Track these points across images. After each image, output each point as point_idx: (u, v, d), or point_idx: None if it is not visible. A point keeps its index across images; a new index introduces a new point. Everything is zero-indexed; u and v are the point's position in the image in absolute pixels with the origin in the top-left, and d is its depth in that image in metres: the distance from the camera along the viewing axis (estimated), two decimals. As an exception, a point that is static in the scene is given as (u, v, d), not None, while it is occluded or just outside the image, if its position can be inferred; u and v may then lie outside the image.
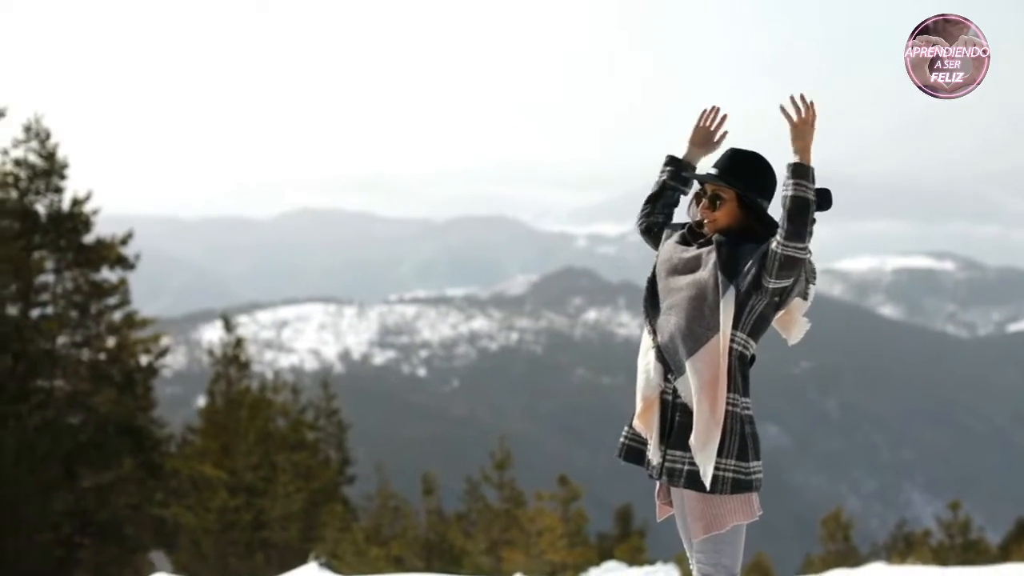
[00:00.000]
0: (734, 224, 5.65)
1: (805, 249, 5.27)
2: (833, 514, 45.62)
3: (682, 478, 5.59)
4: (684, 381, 5.58)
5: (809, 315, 6.14)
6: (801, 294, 5.64)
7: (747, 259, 5.45)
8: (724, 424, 5.53)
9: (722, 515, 5.59)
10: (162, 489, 28.59)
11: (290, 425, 36.34)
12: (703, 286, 5.52)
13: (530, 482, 40.22)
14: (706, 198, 5.70)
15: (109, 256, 27.37)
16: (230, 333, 34.40)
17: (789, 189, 5.28)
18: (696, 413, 5.52)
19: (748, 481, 5.56)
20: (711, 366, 5.52)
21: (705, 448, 5.50)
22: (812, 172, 5.34)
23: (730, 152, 5.75)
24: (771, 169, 5.70)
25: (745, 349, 5.60)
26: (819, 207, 5.46)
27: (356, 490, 42.34)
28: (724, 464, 5.53)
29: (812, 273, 5.65)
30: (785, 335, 5.92)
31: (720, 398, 5.51)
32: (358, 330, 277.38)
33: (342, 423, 42.40)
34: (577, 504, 36.40)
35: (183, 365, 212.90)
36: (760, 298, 5.46)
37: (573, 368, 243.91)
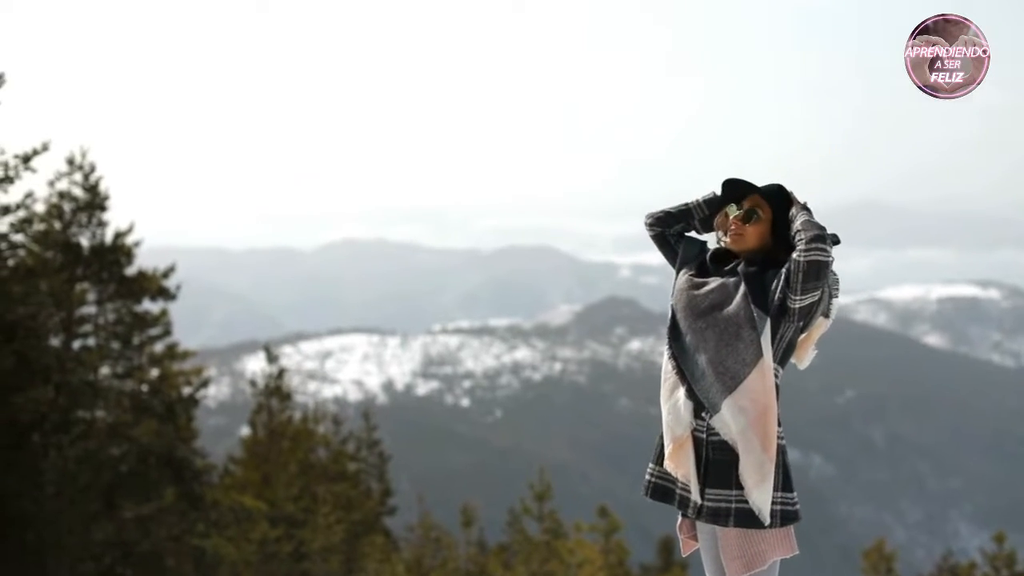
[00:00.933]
0: (760, 247, 5.60)
1: (827, 252, 5.21)
2: (876, 546, 45.16)
3: (731, 517, 5.46)
4: (721, 419, 5.45)
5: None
6: (824, 312, 5.53)
7: (772, 287, 5.40)
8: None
9: (762, 551, 5.49)
10: (203, 520, 28.61)
11: (331, 456, 36.41)
12: (735, 321, 5.42)
13: (573, 513, 40.13)
14: (741, 211, 5.64)
15: (151, 288, 27.48)
16: (272, 364, 34.52)
17: (801, 216, 5.36)
18: (746, 451, 5.41)
19: (795, 511, 5.50)
20: (756, 401, 5.41)
21: (761, 486, 5.40)
22: (825, 235, 5.31)
23: (777, 184, 5.67)
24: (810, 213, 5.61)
25: (777, 378, 5.49)
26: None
27: (398, 521, 42.31)
28: (773, 497, 5.45)
29: (835, 283, 5.56)
30: (796, 359, 5.82)
31: (772, 434, 5.40)
32: (401, 360, 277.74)
33: (383, 454, 42.42)
34: (618, 535, 36.25)
35: (227, 396, 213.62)
36: (788, 324, 5.39)
37: (617, 398, 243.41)
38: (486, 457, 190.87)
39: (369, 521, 36.47)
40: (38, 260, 25.77)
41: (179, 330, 29.62)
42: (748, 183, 5.64)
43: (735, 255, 5.70)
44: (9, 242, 24.38)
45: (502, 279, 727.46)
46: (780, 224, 5.58)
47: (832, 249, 5.25)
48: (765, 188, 5.64)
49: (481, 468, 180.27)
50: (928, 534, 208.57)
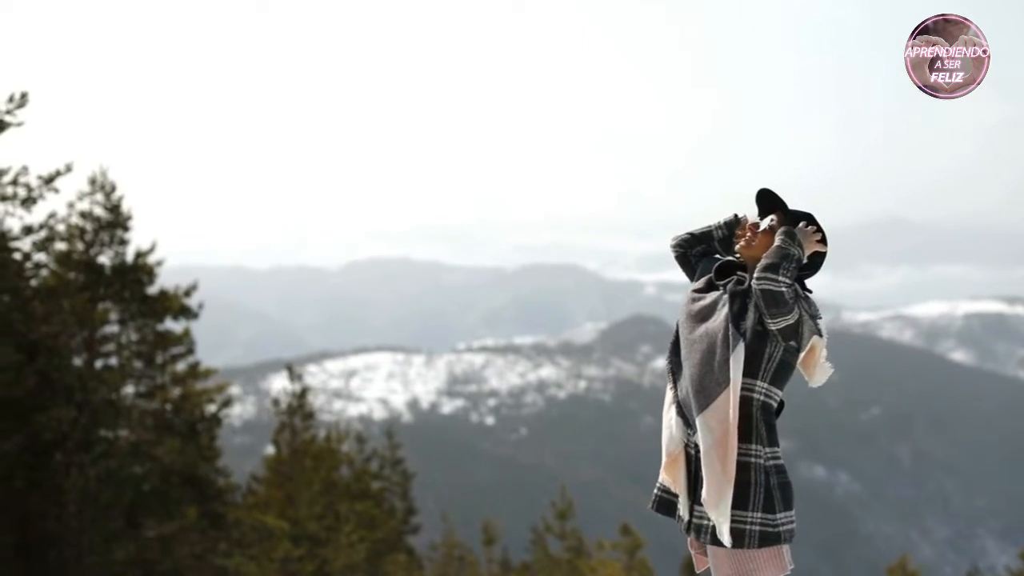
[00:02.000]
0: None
1: (777, 281, 5.26)
2: (899, 562, 45.08)
3: (708, 534, 5.50)
4: (698, 437, 5.49)
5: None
6: (815, 331, 5.45)
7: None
8: (748, 476, 5.40)
9: (752, 570, 5.47)
10: (225, 539, 28.63)
11: (355, 475, 36.44)
12: (713, 338, 5.47)
13: (599, 530, 40.12)
14: (757, 219, 5.71)
15: (173, 307, 27.53)
16: (295, 383, 34.57)
17: (776, 241, 5.40)
18: (707, 470, 5.42)
19: (776, 533, 5.41)
20: (721, 422, 5.42)
21: (718, 506, 5.39)
22: (798, 236, 5.43)
23: (807, 213, 5.70)
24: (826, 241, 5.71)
25: (768, 399, 5.49)
26: (810, 267, 5.66)
27: (423, 539, 42.35)
28: (751, 518, 5.40)
29: (812, 305, 5.50)
30: (807, 377, 5.79)
31: (731, 455, 5.39)
32: (426, 379, 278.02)
33: (407, 472, 42.45)
34: (641, 553, 36.21)
35: (252, 415, 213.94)
36: (776, 344, 5.38)
37: (642, 416, 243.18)
38: (511, 475, 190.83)
39: (392, 539, 36.49)
40: (60, 280, 25.84)
41: (204, 349, 29.68)
42: (772, 195, 5.72)
43: (741, 269, 5.73)
44: (32, 262, 24.45)
45: (527, 297, 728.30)
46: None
47: (790, 278, 5.30)
48: (791, 209, 5.71)
49: (506, 486, 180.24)
50: (955, 551, 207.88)
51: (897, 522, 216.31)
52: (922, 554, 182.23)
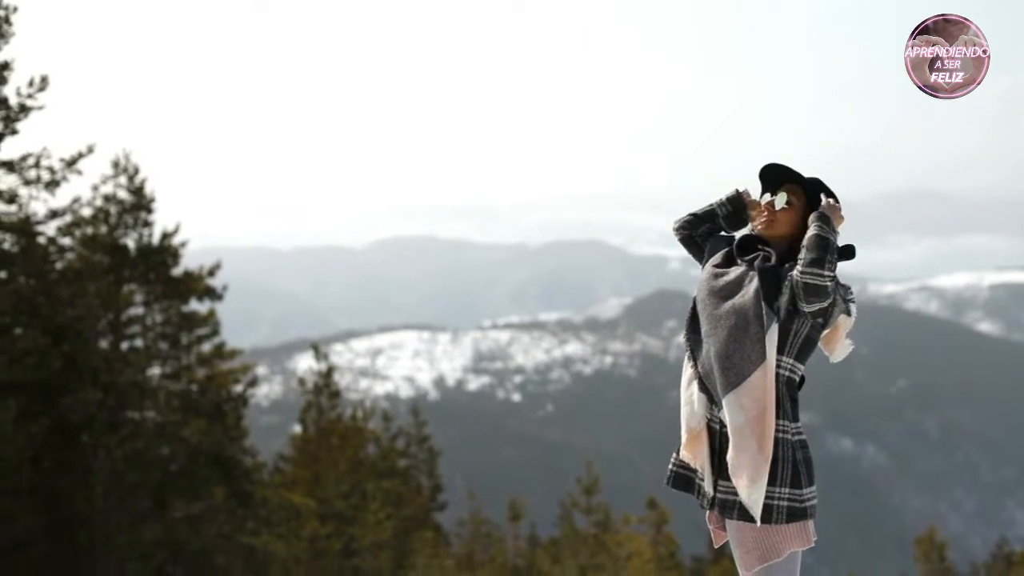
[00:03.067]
0: (789, 236, 5.60)
1: (823, 276, 5.21)
2: (927, 534, 44.95)
3: (735, 510, 5.48)
4: (722, 413, 5.49)
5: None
6: (844, 311, 5.50)
7: (786, 283, 5.38)
8: (776, 452, 5.40)
9: (778, 543, 5.45)
10: (253, 518, 28.78)
11: (381, 453, 36.54)
12: (744, 315, 5.42)
13: (626, 505, 40.10)
14: (774, 198, 5.66)
15: (197, 288, 27.62)
16: (320, 362, 34.65)
17: (813, 228, 5.29)
18: (741, 449, 5.41)
19: (803, 509, 5.41)
20: (757, 400, 5.41)
21: (754, 484, 5.38)
22: (833, 223, 5.35)
23: (815, 178, 5.69)
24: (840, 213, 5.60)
25: (792, 374, 5.48)
26: (843, 256, 5.52)
27: (450, 516, 42.42)
28: (779, 493, 5.40)
29: (847, 291, 5.54)
30: (828, 352, 5.77)
31: (769, 434, 5.38)
32: (452, 356, 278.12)
33: (433, 450, 42.50)
34: (668, 528, 36.22)
35: (279, 394, 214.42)
36: (804, 321, 5.35)
37: (668, 391, 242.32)
38: (538, 452, 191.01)
39: (419, 517, 36.59)
40: (85, 263, 25.94)
41: (231, 330, 29.80)
42: (785, 168, 5.67)
43: (763, 243, 5.68)
44: (57, 245, 24.55)
45: (551, 273, 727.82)
46: (816, 211, 5.54)
47: (834, 270, 5.27)
48: (800, 176, 5.67)
49: (533, 463, 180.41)
50: (984, 522, 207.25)
51: (925, 494, 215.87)
52: (951, 526, 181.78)
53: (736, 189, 5.88)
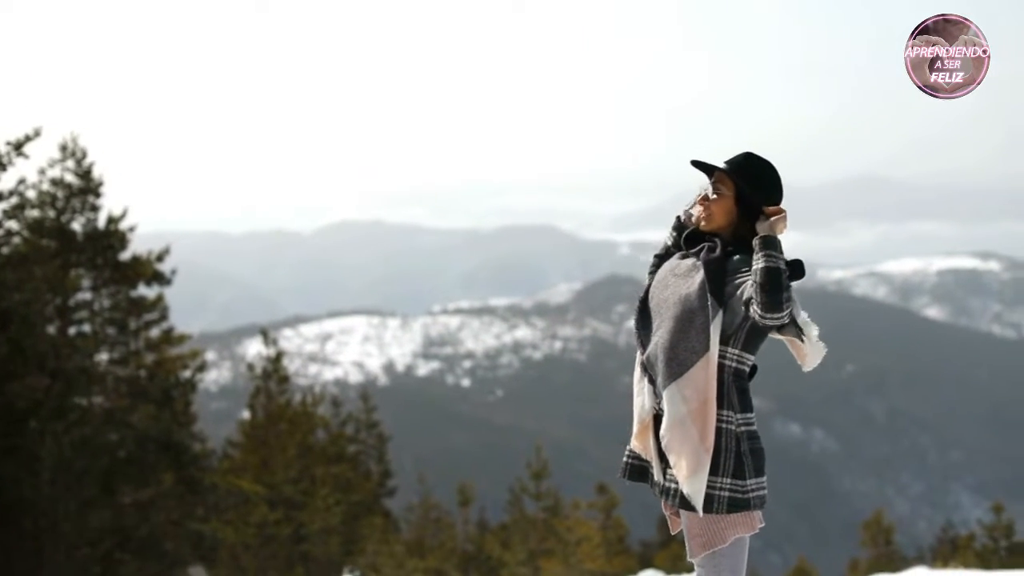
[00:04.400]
0: (727, 225, 5.55)
1: (782, 318, 5.12)
2: (874, 517, 45.33)
3: (677, 499, 5.51)
4: (665, 403, 5.49)
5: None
6: (796, 327, 5.38)
7: (736, 275, 5.35)
8: (719, 443, 5.41)
9: (722, 529, 5.48)
10: (201, 504, 28.69)
11: (330, 438, 36.47)
12: (690, 305, 5.44)
13: (576, 490, 40.24)
14: (704, 191, 5.62)
15: (145, 273, 27.47)
16: (269, 347, 34.54)
17: (760, 260, 5.14)
18: (682, 440, 5.42)
19: (745, 500, 5.43)
20: (699, 391, 5.42)
21: (694, 475, 5.41)
22: (779, 243, 5.23)
23: (744, 153, 5.63)
24: (779, 180, 5.58)
25: (741, 364, 5.49)
26: (792, 276, 5.34)
27: (400, 501, 42.46)
28: (720, 483, 5.42)
29: (797, 305, 5.35)
30: (800, 362, 5.77)
31: (710, 425, 5.40)
32: (402, 342, 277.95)
33: (383, 435, 42.49)
34: (618, 512, 36.33)
35: (228, 380, 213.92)
36: (751, 319, 5.27)
37: (617, 376, 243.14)
38: (488, 436, 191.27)
39: (368, 502, 36.55)
40: (32, 247, 25.73)
41: (180, 315, 29.67)
42: (707, 164, 5.62)
43: (707, 236, 5.65)
44: (3, 229, 24.39)
45: (502, 259, 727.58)
46: (744, 198, 5.52)
47: (789, 299, 5.13)
48: (725, 165, 5.58)
49: (483, 447, 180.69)
50: (930, 506, 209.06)
51: (872, 478, 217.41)
52: (897, 509, 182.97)
53: (677, 217, 5.84)
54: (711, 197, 5.58)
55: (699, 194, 5.66)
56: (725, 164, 5.60)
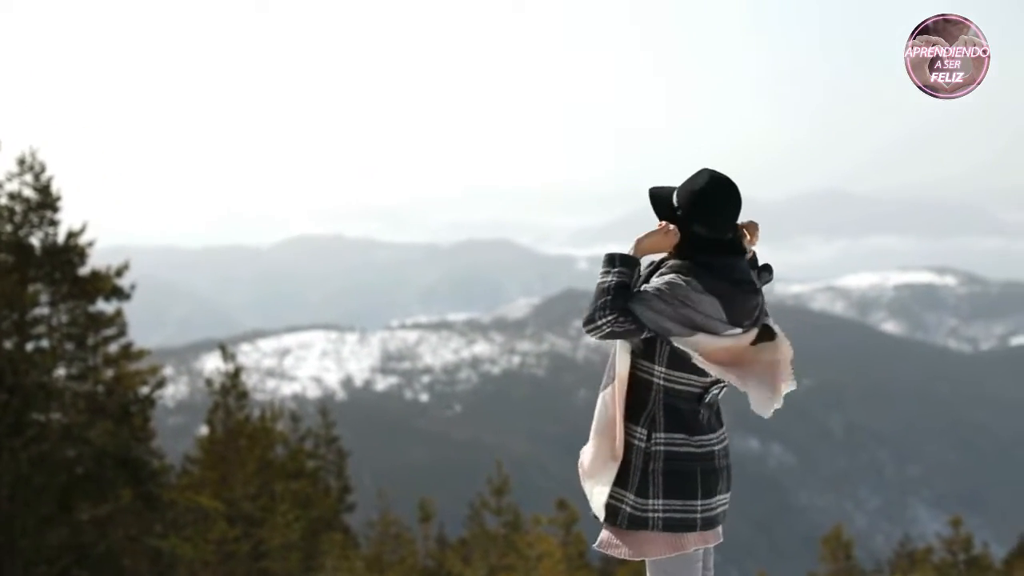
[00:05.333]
0: (673, 247, 5.63)
1: (595, 328, 5.31)
2: (833, 532, 45.41)
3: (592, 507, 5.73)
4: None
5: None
6: (686, 343, 5.44)
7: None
8: (628, 457, 5.51)
9: (638, 544, 5.57)
10: (160, 520, 28.53)
11: (289, 454, 36.35)
12: None
13: (535, 505, 40.21)
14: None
15: (104, 287, 27.31)
16: (228, 363, 34.40)
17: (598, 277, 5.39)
18: (596, 448, 5.62)
19: (644, 519, 5.47)
20: (612, 404, 5.57)
21: (594, 478, 5.60)
22: (615, 258, 5.43)
23: (682, 185, 5.64)
24: (701, 191, 5.51)
25: (672, 383, 5.52)
26: (763, 278, 5.80)
27: (359, 517, 42.32)
28: (624, 497, 5.54)
29: (667, 323, 5.42)
30: (754, 407, 5.78)
31: (618, 438, 5.52)
32: (360, 357, 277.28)
33: (342, 450, 42.41)
34: (577, 527, 36.31)
35: (185, 395, 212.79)
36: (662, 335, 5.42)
37: (576, 390, 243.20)
38: (446, 451, 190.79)
39: (328, 518, 36.43)
40: (-11, 262, 25.60)
41: (137, 330, 29.47)
42: (656, 206, 5.74)
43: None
44: (-41, 244, 24.24)
45: (460, 273, 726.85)
46: (676, 220, 5.60)
47: (604, 315, 5.29)
48: (651, 200, 5.73)
49: (441, 462, 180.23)
50: (888, 520, 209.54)
51: (830, 493, 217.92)
52: (855, 524, 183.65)
53: (617, 255, 5.67)
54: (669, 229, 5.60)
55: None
56: (656, 209, 5.71)
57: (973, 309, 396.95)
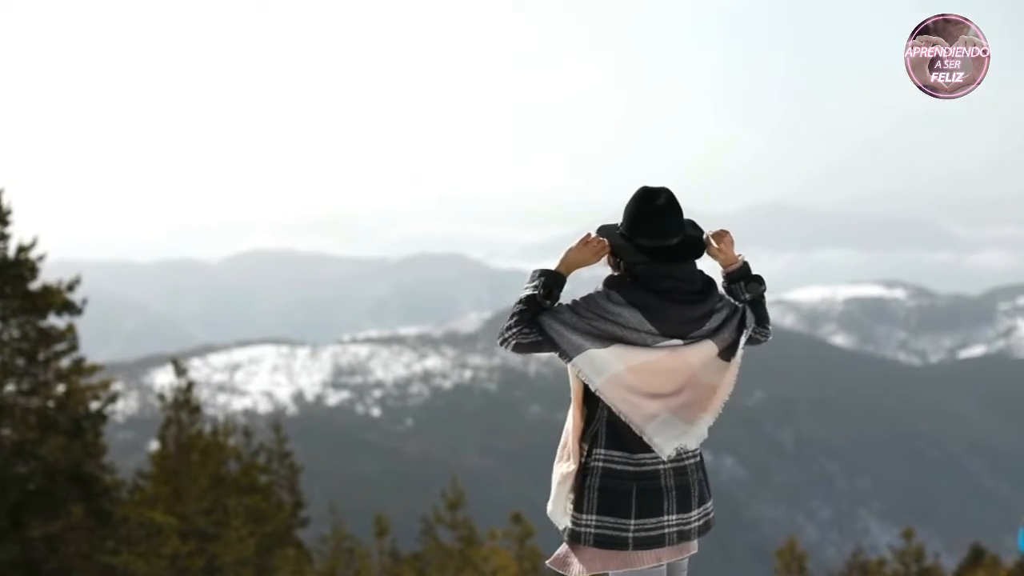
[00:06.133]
0: (596, 262, 5.78)
1: (502, 341, 5.61)
2: (788, 545, 45.64)
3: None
4: None
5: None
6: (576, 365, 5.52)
7: None
8: (575, 471, 5.61)
9: (586, 559, 5.56)
10: (112, 537, 28.30)
11: (242, 469, 36.17)
12: None
13: (487, 520, 40.15)
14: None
15: (56, 302, 27.10)
16: (180, 377, 34.23)
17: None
18: (558, 456, 5.76)
19: (577, 533, 5.54)
20: (570, 416, 5.70)
21: (551, 498, 5.76)
22: (534, 274, 5.64)
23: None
24: (633, 202, 5.69)
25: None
26: (755, 294, 6.47)
27: (311, 532, 42.11)
28: (567, 511, 5.70)
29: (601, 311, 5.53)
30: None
31: (571, 453, 5.64)
32: (311, 371, 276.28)
33: (294, 465, 42.18)
34: (531, 541, 36.32)
35: (135, 410, 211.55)
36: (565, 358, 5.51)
37: (528, 405, 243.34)
38: (398, 465, 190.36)
39: (281, 533, 36.27)
40: (-62, 277, 25.38)
41: (86, 344, 29.23)
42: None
43: None
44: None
45: (411, 287, 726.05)
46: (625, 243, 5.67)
47: (507, 334, 5.57)
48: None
49: (393, 477, 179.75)
50: (838, 532, 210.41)
51: (782, 505, 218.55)
52: (807, 536, 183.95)
53: (539, 271, 5.80)
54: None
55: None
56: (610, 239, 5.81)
57: (922, 322, 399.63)
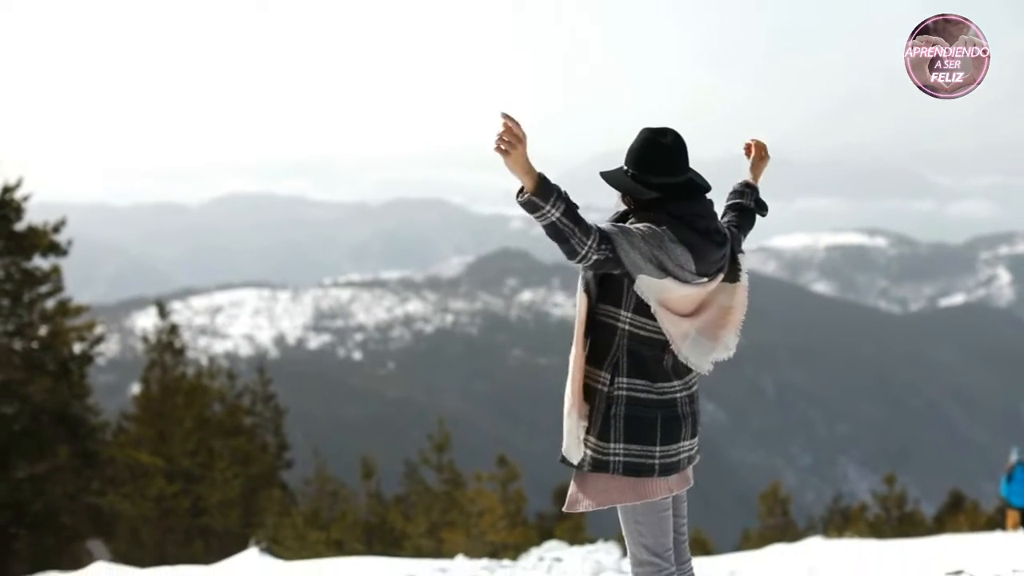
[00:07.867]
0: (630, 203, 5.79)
1: (582, 257, 5.24)
2: (771, 489, 45.94)
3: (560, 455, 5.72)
4: None
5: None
6: (654, 274, 5.43)
7: None
8: (592, 401, 5.57)
9: (599, 491, 5.59)
10: (98, 477, 28.34)
11: (227, 411, 36.23)
12: None
13: (468, 463, 40.22)
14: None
15: (41, 244, 27.03)
16: (164, 320, 34.20)
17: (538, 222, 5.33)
18: (568, 387, 5.60)
19: (605, 462, 5.52)
20: (575, 343, 5.61)
21: (567, 429, 5.61)
22: (533, 202, 5.37)
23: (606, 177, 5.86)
24: (641, 141, 5.70)
25: (636, 328, 5.56)
26: (759, 212, 6.31)
27: (294, 475, 42.24)
28: (588, 441, 5.59)
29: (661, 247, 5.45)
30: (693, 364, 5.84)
31: (576, 377, 5.56)
32: (292, 315, 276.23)
33: (279, 408, 42.25)
34: (516, 484, 36.42)
35: (116, 353, 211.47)
36: (626, 276, 5.42)
37: (509, 349, 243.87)
38: (380, 409, 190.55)
39: (266, 475, 36.38)
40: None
41: (67, 288, 29.20)
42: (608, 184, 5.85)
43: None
44: None
45: (392, 232, 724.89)
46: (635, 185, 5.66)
47: (575, 238, 5.22)
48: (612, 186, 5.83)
49: (375, 420, 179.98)
50: (818, 478, 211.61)
51: (762, 451, 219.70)
52: (787, 481, 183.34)
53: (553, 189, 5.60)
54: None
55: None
56: (613, 185, 5.81)
57: (903, 270, 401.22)
